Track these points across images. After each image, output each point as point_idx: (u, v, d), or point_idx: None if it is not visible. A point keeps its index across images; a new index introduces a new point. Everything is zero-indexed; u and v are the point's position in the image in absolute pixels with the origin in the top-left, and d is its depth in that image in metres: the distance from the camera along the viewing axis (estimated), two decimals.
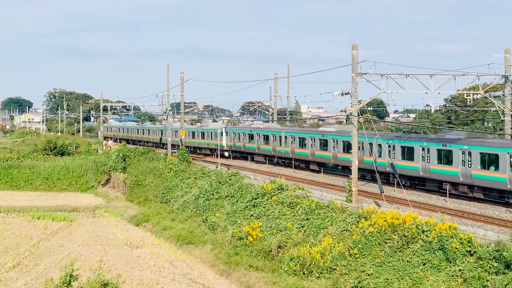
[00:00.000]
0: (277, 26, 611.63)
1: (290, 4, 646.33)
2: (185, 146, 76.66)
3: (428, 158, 42.55)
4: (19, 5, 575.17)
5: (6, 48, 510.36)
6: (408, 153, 44.52)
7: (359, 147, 45.94)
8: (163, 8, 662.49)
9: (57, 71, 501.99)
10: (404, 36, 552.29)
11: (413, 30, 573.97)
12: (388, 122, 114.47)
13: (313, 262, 30.91)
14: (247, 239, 37.15)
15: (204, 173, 56.85)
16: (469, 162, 39.07)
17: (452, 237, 27.29)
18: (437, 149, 41.83)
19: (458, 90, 41.38)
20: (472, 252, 26.35)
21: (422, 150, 43.11)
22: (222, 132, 75.61)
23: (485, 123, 79.86)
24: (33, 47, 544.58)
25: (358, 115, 38.09)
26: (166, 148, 78.53)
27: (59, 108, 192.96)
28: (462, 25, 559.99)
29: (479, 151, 38.46)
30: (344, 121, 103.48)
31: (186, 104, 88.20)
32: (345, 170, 52.97)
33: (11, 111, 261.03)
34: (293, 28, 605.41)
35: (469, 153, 39.11)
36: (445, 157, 41.24)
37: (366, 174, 49.90)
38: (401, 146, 45.10)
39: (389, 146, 46.13)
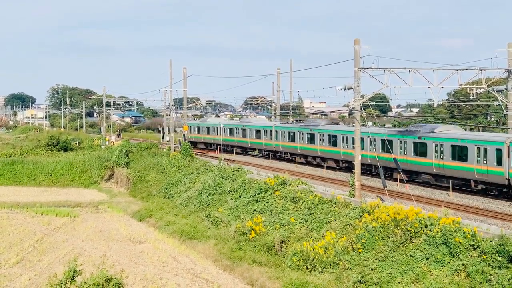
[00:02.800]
0: (277, 26, 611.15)
1: (290, 4, 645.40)
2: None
3: None
4: (19, 5, 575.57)
5: (8, 47, 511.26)
6: None
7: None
8: (163, 8, 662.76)
9: (60, 68, 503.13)
10: (405, 33, 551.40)
11: (414, 27, 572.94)
12: (391, 116, 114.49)
13: (316, 257, 30.92)
14: (250, 234, 37.18)
15: (207, 168, 56.85)
16: None
17: (455, 231, 27.26)
18: None
19: (461, 85, 41.31)
20: (475, 246, 26.33)
21: None
22: None
23: (488, 117, 79.83)
24: (34, 45, 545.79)
25: (361, 109, 38.05)
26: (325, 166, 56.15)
27: (62, 103, 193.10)
28: (464, 20, 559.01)
29: None
30: (347, 115, 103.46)
31: (189, 99, 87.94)
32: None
33: (14, 107, 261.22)
34: (293, 27, 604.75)
35: None
36: None
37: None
38: None
39: None
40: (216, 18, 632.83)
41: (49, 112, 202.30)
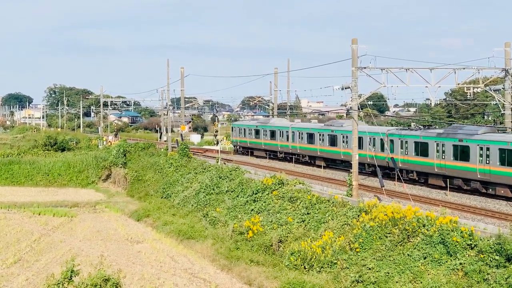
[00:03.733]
0: (277, 26, 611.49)
1: (290, 4, 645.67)
2: None
3: None
4: (19, 5, 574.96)
5: (6, 46, 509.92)
6: None
7: None
8: (163, 8, 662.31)
9: (58, 67, 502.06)
10: (405, 33, 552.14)
11: (414, 27, 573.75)
12: (388, 116, 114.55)
13: (314, 257, 30.93)
14: (247, 233, 37.18)
15: (205, 168, 56.85)
16: None
17: (453, 230, 27.30)
18: None
19: (458, 84, 41.33)
20: (473, 246, 26.36)
21: None
22: None
23: (485, 116, 79.94)
24: (34, 45, 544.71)
25: (358, 109, 38.06)
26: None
27: (59, 103, 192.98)
28: (464, 20, 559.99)
29: None
30: (345, 115, 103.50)
31: (186, 99, 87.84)
32: None
33: (11, 107, 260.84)
34: (293, 27, 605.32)
35: None
36: None
37: None
38: None
39: None
40: (216, 18, 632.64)
41: (46, 112, 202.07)
